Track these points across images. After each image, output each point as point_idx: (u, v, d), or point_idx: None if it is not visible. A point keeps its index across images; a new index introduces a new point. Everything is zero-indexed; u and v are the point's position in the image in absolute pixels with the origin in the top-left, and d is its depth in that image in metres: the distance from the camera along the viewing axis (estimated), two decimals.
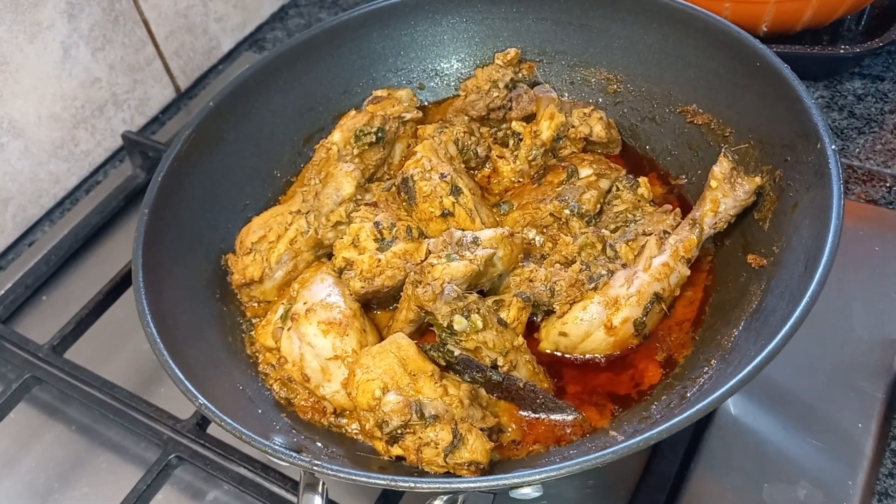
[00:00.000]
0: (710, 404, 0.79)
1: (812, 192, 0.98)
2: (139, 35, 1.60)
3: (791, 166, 1.03)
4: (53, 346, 1.22)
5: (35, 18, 1.40)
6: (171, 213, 1.13)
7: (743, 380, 0.80)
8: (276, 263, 1.13)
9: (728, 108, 1.16)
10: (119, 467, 1.17)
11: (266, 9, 1.91)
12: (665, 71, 1.25)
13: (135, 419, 1.15)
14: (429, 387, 0.94)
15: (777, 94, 1.06)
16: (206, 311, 1.12)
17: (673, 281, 1.05)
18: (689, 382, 0.96)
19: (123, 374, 1.23)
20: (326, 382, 1.02)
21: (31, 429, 1.22)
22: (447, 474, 0.91)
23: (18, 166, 1.46)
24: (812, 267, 0.88)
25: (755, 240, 1.06)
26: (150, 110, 1.69)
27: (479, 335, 0.98)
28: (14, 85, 1.40)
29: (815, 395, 1.10)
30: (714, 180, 1.08)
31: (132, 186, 1.50)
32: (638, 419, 0.95)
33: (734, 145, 1.13)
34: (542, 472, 0.77)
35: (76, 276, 1.44)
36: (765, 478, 1.03)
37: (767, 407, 1.09)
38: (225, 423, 0.86)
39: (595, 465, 0.76)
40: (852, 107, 1.48)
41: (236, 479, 1.07)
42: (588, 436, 0.97)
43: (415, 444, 0.92)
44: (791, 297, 0.89)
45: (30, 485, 1.17)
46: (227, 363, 1.07)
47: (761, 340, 0.87)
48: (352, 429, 1.02)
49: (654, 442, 0.77)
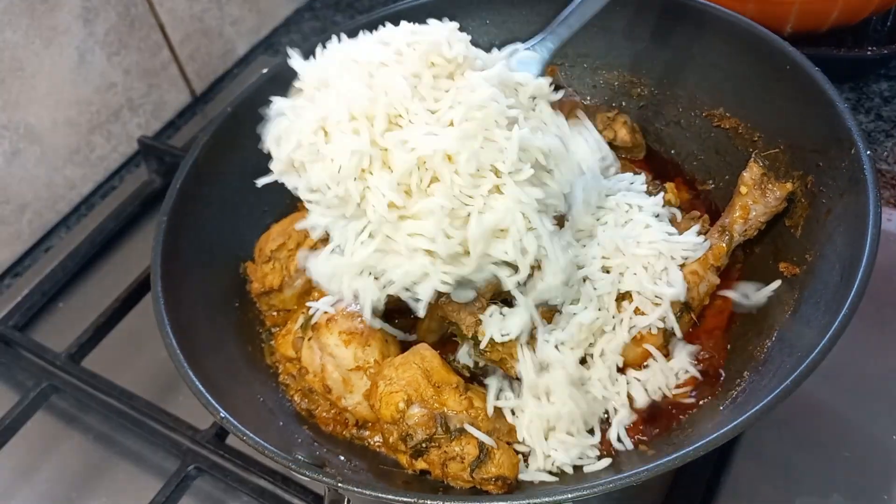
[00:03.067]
0: (748, 420, 0.77)
1: (846, 198, 0.95)
2: (154, 39, 1.59)
3: (823, 172, 1.01)
4: (71, 355, 1.22)
5: (51, 23, 1.39)
6: (190, 220, 1.11)
7: (781, 395, 0.77)
8: (295, 272, 1.11)
9: (756, 112, 1.13)
10: (137, 477, 1.16)
11: (281, 12, 1.89)
12: (690, 73, 1.22)
13: (153, 429, 1.14)
14: (453, 399, 0.93)
15: (807, 97, 1.04)
16: (226, 321, 1.10)
17: (702, 290, 1.03)
18: (721, 395, 0.94)
19: (141, 383, 1.22)
20: (348, 394, 1.00)
21: (49, 438, 1.22)
22: (473, 490, 0.89)
23: (34, 172, 1.45)
24: (849, 276, 0.85)
25: (787, 247, 1.04)
26: (165, 115, 1.68)
27: (504, 346, 0.96)
28: (30, 90, 1.39)
29: (846, 405, 1.07)
30: (744, 186, 1.06)
31: (148, 192, 1.49)
32: (669, 433, 0.93)
33: (763, 150, 1.10)
34: (575, 491, 0.75)
35: (92, 283, 1.43)
36: (796, 491, 1.01)
37: (797, 417, 1.06)
38: (248, 438, 0.84)
39: (629, 483, 0.74)
40: (879, 109, 1.45)
41: (256, 491, 1.06)
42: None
43: (440, 458, 0.90)
44: (827, 308, 0.87)
45: (47, 495, 1.16)
46: (247, 374, 1.05)
47: (797, 353, 0.84)
48: (374, 441, 1.00)
49: (689, 460, 0.75)
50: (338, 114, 0.86)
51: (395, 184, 0.85)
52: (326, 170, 0.86)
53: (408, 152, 0.85)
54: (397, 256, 0.89)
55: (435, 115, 0.87)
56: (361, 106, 0.86)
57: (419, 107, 0.87)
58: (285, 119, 0.91)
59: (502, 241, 0.89)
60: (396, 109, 0.87)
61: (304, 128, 0.88)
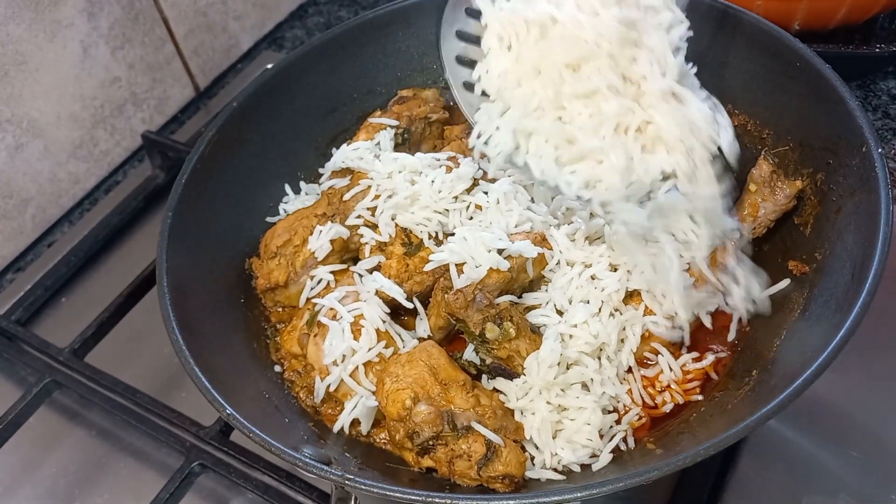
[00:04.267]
0: (758, 420, 0.76)
1: (857, 196, 0.95)
2: (158, 34, 1.58)
3: (833, 170, 1.00)
4: (74, 350, 1.21)
5: (55, 17, 1.38)
6: (195, 216, 1.10)
7: (791, 395, 0.77)
8: (301, 268, 1.11)
9: (766, 110, 1.12)
10: (140, 474, 1.15)
11: (285, 7, 1.88)
12: (699, 70, 1.20)
13: (157, 425, 1.14)
14: (460, 396, 0.92)
15: (818, 94, 1.03)
16: (231, 317, 1.09)
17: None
18: (729, 394, 0.93)
19: (144, 379, 1.21)
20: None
21: (52, 434, 1.21)
22: (480, 488, 0.89)
23: (38, 166, 1.44)
24: (861, 275, 0.85)
25: (796, 245, 1.03)
26: (169, 110, 1.67)
27: (511, 343, 0.96)
28: (34, 84, 1.39)
29: (854, 404, 1.07)
30: (753, 184, 1.05)
31: (152, 187, 1.49)
32: (677, 432, 0.92)
33: (773, 147, 1.10)
34: (584, 490, 0.75)
35: (96, 278, 1.42)
36: (803, 490, 1.00)
37: (805, 416, 1.06)
38: (254, 435, 0.84)
39: (639, 483, 0.74)
40: (886, 107, 1.44)
41: (260, 488, 1.05)
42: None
43: (447, 455, 0.89)
44: (838, 307, 0.86)
45: (50, 491, 1.16)
46: (252, 370, 1.04)
47: (807, 352, 0.84)
48: (381, 439, 1.00)
49: (700, 459, 0.74)
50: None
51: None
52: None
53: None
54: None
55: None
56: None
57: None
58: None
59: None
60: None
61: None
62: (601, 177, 0.91)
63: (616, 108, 0.89)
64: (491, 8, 0.97)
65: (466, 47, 1.02)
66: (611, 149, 0.90)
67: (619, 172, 0.89)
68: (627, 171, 0.90)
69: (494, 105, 0.97)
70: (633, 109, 0.90)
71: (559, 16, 0.91)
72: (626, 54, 0.90)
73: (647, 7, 0.92)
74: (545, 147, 0.93)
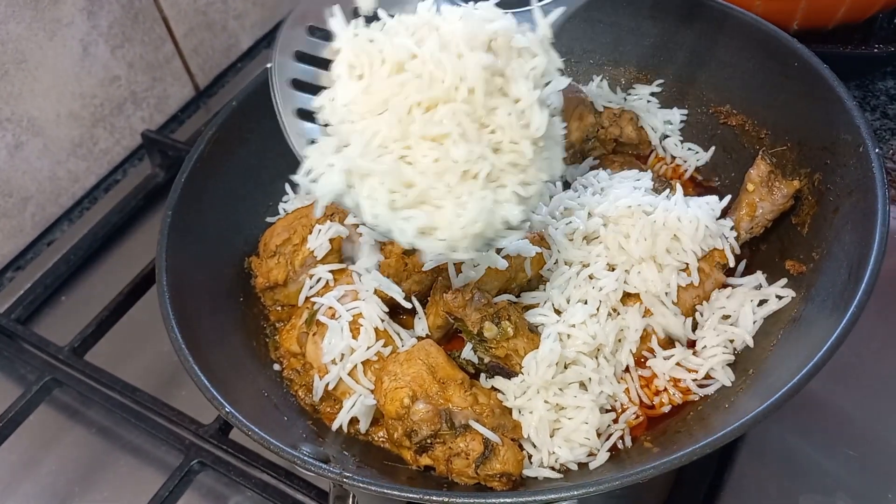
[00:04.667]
0: (754, 419, 0.76)
1: (854, 196, 0.95)
2: (158, 32, 1.58)
3: (831, 170, 1.00)
4: (74, 348, 1.21)
5: (55, 16, 1.39)
6: (194, 215, 1.11)
7: (787, 394, 0.77)
8: (300, 267, 1.11)
9: (764, 109, 1.13)
10: (140, 471, 1.16)
11: (285, 6, 1.88)
12: (697, 70, 1.22)
13: (156, 423, 1.14)
14: (458, 395, 0.92)
15: (816, 94, 1.04)
16: (230, 315, 1.10)
17: (708, 287, 1.03)
18: (726, 393, 0.94)
19: (144, 377, 1.22)
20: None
21: (52, 432, 1.21)
22: (478, 486, 0.89)
23: (37, 165, 1.45)
24: (857, 275, 0.85)
25: (793, 245, 1.04)
26: (169, 108, 1.68)
27: (509, 342, 0.96)
28: (33, 83, 1.39)
29: (851, 403, 1.07)
30: (751, 183, 1.05)
31: (151, 185, 1.49)
32: (674, 431, 0.92)
33: (771, 147, 1.10)
34: (581, 488, 0.75)
35: (95, 277, 1.43)
36: (800, 490, 1.01)
37: (802, 416, 1.06)
38: (253, 433, 0.84)
39: (635, 481, 0.74)
40: (885, 107, 1.45)
41: (259, 486, 1.06)
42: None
43: (444, 454, 0.90)
44: (835, 306, 0.87)
45: (50, 488, 1.16)
46: (251, 368, 1.05)
47: (803, 351, 0.84)
48: (379, 437, 1.00)
49: (695, 458, 0.75)
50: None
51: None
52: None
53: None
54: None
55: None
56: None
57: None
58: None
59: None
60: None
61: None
62: (438, 224, 0.84)
63: (465, 154, 0.81)
64: (346, 32, 0.88)
65: (306, 70, 0.92)
66: (450, 197, 0.83)
67: (458, 223, 0.83)
68: (469, 222, 0.83)
69: (329, 141, 0.88)
70: (486, 156, 0.83)
71: (419, 52, 0.83)
72: (488, 103, 0.83)
73: (520, 49, 0.85)
74: (380, 190, 0.84)
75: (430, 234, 0.85)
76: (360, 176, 0.85)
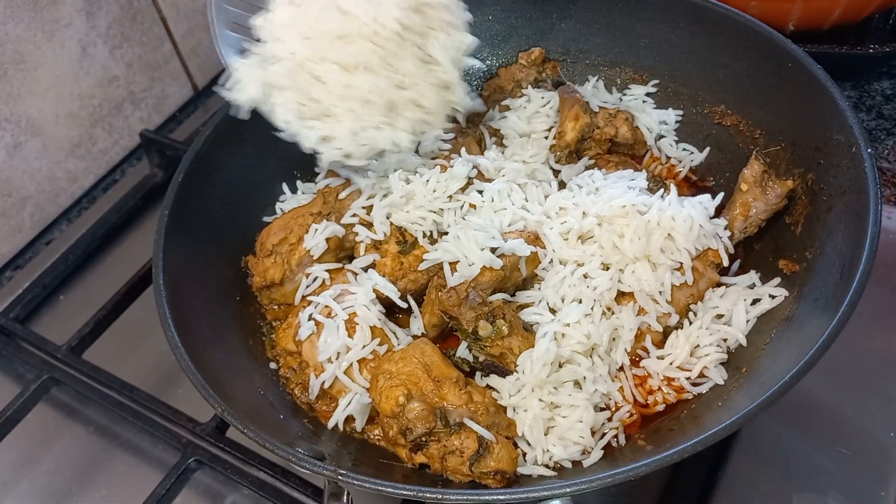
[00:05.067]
0: (745, 417, 0.77)
1: (847, 196, 0.96)
2: (157, 33, 1.59)
3: (824, 170, 1.01)
4: (72, 347, 1.22)
5: (53, 16, 1.39)
6: (192, 214, 1.11)
7: (778, 392, 0.78)
8: (297, 266, 1.11)
9: (758, 110, 1.13)
10: (137, 470, 1.16)
11: None
12: (693, 71, 1.22)
13: (154, 422, 1.14)
14: (453, 393, 0.93)
15: (809, 95, 1.04)
16: (227, 314, 1.10)
17: (702, 286, 1.03)
18: (719, 391, 0.94)
19: (141, 376, 1.22)
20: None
21: (50, 430, 1.22)
22: (473, 483, 0.90)
23: (36, 165, 1.45)
24: (849, 274, 0.86)
25: (787, 244, 1.04)
26: (167, 109, 1.68)
27: (504, 341, 0.96)
28: (32, 83, 1.39)
29: (844, 402, 1.07)
30: (745, 183, 1.06)
31: (150, 185, 1.49)
32: (668, 429, 0.93)
33: (765, 148, 1.11)
34: (573, 485, 0.75)
35: (93, 276, 1.43)
36: (793, 487, 1.01)
37: (795, 414, 1.07)
38: (248, 431, 0.85)
39: (627, 478, 0.75)
40: (881, 107, 1.45)
41: (256, 484, 1.06)
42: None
43: (439, 452, 0.90)
44: (827, 305, 0.87)
45: (47, 486, 1.16)
46: (247, 367, 1.05)
47: (795, 350, 0.85)
48: (374, 435, 1.01)
49: (687, 455, 0.75)
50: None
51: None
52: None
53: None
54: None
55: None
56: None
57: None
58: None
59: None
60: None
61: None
62: (336, 135, 1.02)
63: (368, 84, 0.99)
64: None
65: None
66: (350, 115, 1.01)
67: (355, 139, 1.02)
68: (356, 135, 1.02)
69: (256, 57, 1.04)
70: (384, 91, 1.00)
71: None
72: (399, 51, 1.00)
73: (448, 21, 1.04)
74: (291, 101, 1.02)
75: (329, 142, 1.03)
76: (278, 88, 1.03)
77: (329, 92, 1.01)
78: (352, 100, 1.01)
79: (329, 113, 1.02)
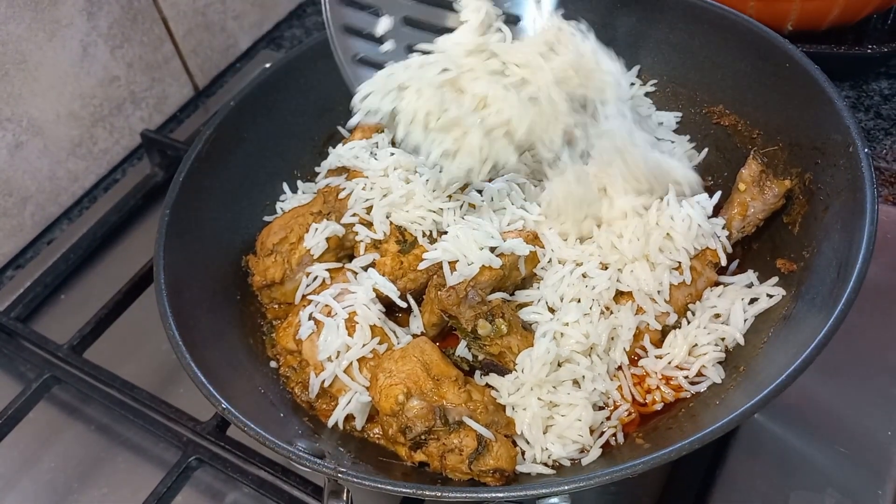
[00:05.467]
0: (743, 415, 0.77)
1: (844, 195, 0.96)
2: (157, 33, 1.59)
3: (822, 169, 1.01)
4: (73, 346, 1.22)
5: (54, 16, 1.40)
6: (192, 213, 1.12)
7: (775, 390, 0.78)
8: (297, 265, 1.12)
9: (756, 110, 1.14)
10: (138, 468, 1.17)
11: (284, 6, 1.90)
12: (690, 71, 1.23)
13: (154, 420, 1.15)
14: (452, 392, 0.93)
15: (807, 95, 1.05)
16: (227, 313, 1.11)
17: (700, 286, 1.04)
18: (717, 390, 0.95)
19: (142, 375, 1.23)
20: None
21: (51, 428, 1.22)
22: (472, 482, 0.90)
23: (37, 164, 1.46)
24: (846, 273, 0.86)
25: (784, 244, 1.05)
26: (168, 108, 1.69)
27: (503, 340, 0.97)
28: (33, 83, 1.40)
29: (842, 401, 1.08)
30: (742, 183, 1.06)
31: (150, 185, 1.50)
32: (666, 427, 0.93)
33: (762, 147, 1.11)
34: (571, 483, 0.76)
35: (94, 275, 1.43)
36: (791, 486, 1.01)
37: (793, 413, 1.07)
38: (249, 429, 0.85)
39: (625, 476, 0.75)
40: (879, 107, 1.46)
41: (256, 482, 1.07)
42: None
43: (438, 450, 0.91)
44: (824, 304, 0.88)
45: (49, 484, 1.17)
46: (248, 365, 1.06)
47: (792, 349, 0.85)
48: (374, 433, 1.01)
49: (685, 453, 0.76)
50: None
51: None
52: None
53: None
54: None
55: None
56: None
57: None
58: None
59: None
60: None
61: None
62: (462, 148, 1.00)
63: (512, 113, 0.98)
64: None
65: (356, 14, 1.10)
66: (480, 128, 0.98)
67: (481, 154, 1.00)
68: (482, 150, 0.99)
69: (386, 71, 1.03)
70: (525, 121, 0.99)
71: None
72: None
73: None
74: (421, 108, 0.99)
75: (452, 158, 1.00)
76: (410, 94, 1.00)
77: (461, 105, 0.99)
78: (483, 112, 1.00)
79: (458, 124, 0.99)
